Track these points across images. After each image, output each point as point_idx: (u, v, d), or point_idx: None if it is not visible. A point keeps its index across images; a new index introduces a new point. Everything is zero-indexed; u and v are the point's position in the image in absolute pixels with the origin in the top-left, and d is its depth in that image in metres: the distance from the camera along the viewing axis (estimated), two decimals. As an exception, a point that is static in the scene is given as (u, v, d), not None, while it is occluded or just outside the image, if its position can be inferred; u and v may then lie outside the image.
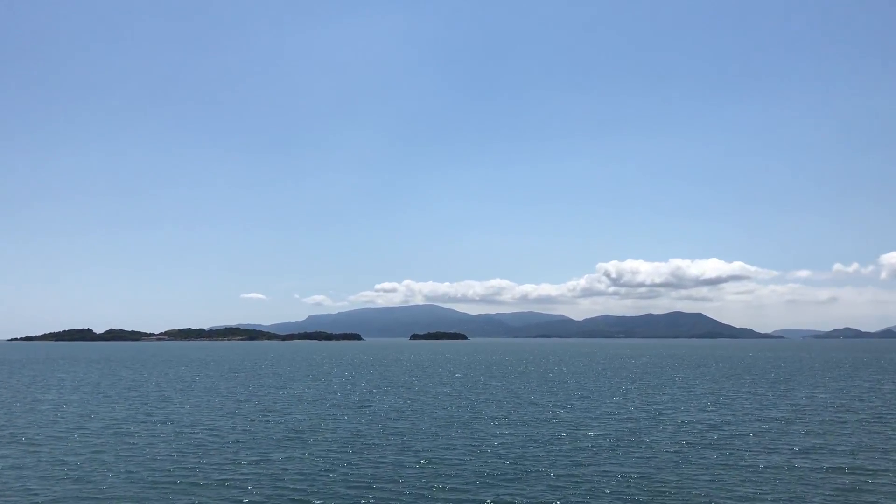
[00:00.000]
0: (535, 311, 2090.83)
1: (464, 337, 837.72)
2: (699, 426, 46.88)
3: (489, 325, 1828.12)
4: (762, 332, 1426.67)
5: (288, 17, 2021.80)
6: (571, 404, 61.36)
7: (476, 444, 39.63)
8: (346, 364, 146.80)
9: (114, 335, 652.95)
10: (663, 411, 56.02)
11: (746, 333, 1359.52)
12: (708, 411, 56.04)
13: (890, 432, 44.59)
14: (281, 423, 48.68)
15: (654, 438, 41.59)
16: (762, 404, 61.34)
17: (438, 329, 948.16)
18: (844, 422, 49.42)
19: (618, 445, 39.03)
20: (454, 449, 38.10)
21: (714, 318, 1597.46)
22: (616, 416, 52.31)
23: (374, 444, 39.90)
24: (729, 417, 51.69)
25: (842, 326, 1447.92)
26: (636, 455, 36.20)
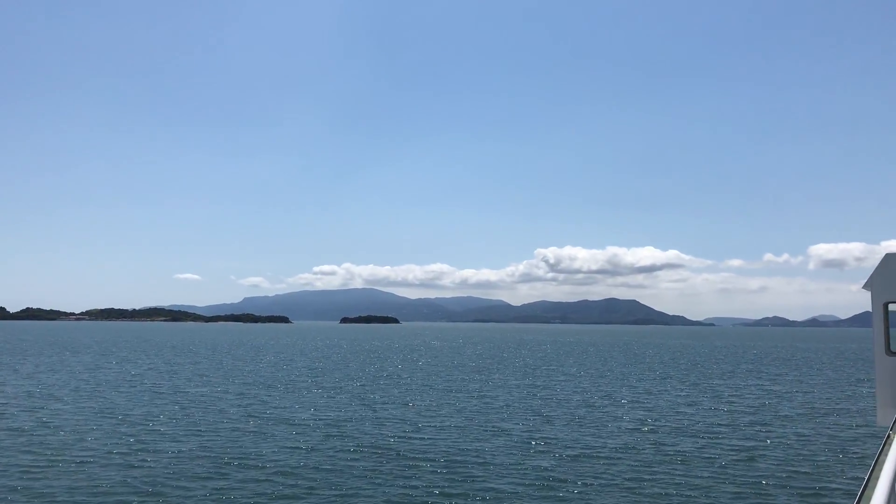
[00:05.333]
0: (475, 295, 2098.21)
1: (396, 321, 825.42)
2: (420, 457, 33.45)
3: (428, 310, 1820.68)
4: (694, 319, 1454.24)
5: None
6: (328, 414, 47.55)
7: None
8: (195, 349, 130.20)
9: (30, 314, 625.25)
10: (424, 432, 42.32)
11: (678, 320, 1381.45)
12: (486, 433, 42.70)
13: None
14: None
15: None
16: (598, 419, 48.49)
17: (377, 313, 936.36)
18: (668, 460, 36.50)
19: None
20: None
21: (648, 305, 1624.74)
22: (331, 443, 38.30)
23: None
24: (490, 447, 38.28)
25: (770, 315, 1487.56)
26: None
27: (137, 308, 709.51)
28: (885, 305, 14.14)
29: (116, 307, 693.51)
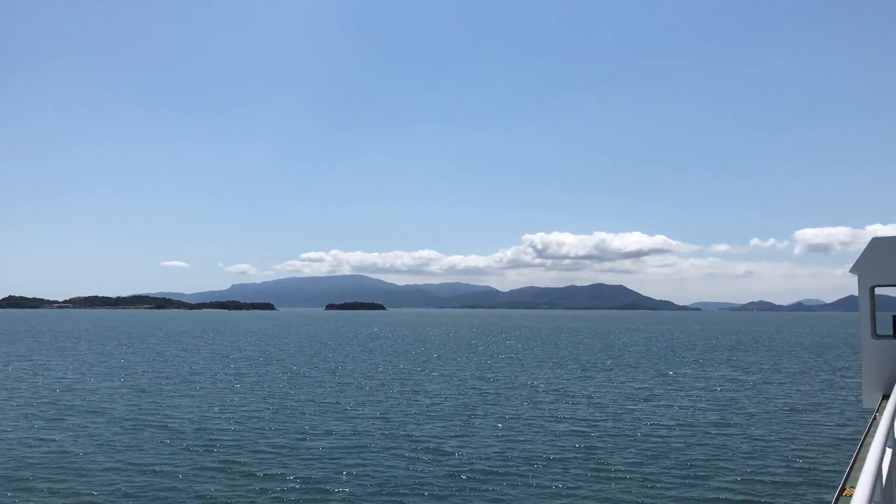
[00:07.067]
0: (463, 281, 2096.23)
1: (381, 307, 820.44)
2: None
3: (417, 296, 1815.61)
4: (681, 304, 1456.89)
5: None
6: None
7: None
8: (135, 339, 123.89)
9: (12, 302, 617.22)
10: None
11: (665, 305, 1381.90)
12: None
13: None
14: None
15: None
16: (535, 421, 42.75)
17: (366, 299, 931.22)
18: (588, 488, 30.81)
19: None
20: None
21: (635, 291, 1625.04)
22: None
23: None
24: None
25: (756, 300, 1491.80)
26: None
27: (123, 296, 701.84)
28: (872, 289, 14.27)
29: (102, 295, 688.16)
